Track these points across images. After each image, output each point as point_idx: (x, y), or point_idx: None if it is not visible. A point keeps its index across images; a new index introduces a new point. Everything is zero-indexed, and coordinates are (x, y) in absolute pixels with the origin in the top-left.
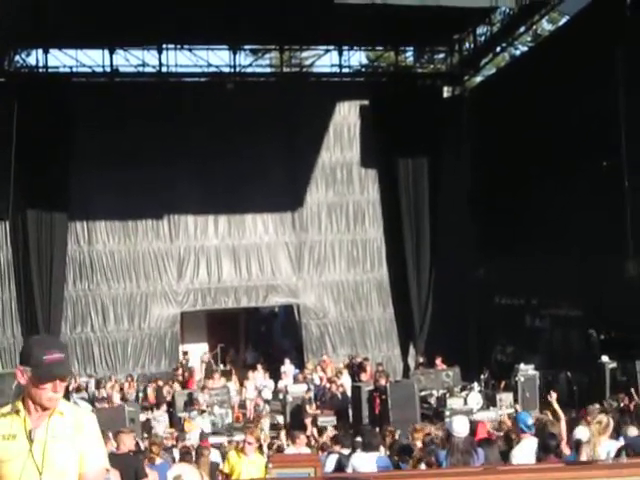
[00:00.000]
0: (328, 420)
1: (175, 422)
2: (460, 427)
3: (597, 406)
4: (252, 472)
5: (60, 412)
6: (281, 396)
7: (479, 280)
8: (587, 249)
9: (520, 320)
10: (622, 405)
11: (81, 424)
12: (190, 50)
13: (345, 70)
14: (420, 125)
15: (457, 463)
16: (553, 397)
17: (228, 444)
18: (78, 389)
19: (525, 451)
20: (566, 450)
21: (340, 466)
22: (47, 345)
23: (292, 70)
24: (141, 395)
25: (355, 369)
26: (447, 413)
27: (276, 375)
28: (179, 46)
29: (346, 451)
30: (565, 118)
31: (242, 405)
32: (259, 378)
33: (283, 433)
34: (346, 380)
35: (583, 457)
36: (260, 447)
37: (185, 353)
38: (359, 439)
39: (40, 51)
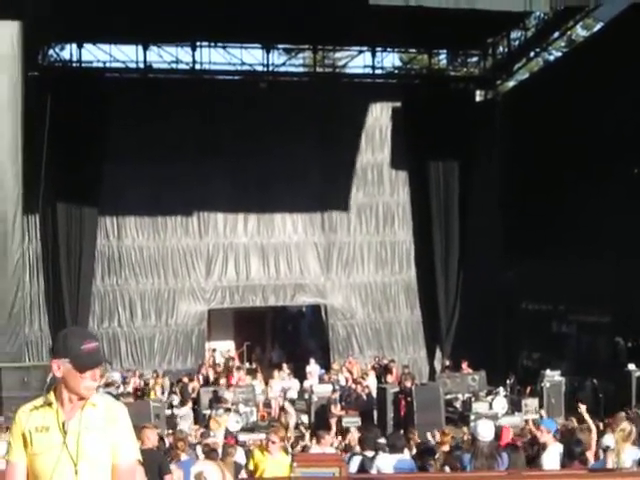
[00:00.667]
0: (353, 421)
1: (200, 419)
2: (485, 431)
3: (622, 414)
4: (276, 471)
5: (92, 404)
6: (306, 396)
7: (507, 284)
8: (620, 254)
9: (547, 326)
10: None
11: (114, 416)
12: (224, 48)
13: (378, 71)
14: (452, 128)
15: (481, 467)
16: (582, 409)
17: (252, 443)
18: (108, 384)
19: (553, 457)
20: (591, 459)
21: (363, 468)
22: (83, 335)
23: (325, 70)
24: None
25: (381, 371)
26: (472, 417)
27: (301, 375)
28: (213, 43)
29: (370, 453)
30: (599, 123)
31: (267, 404)
32: (285, 377)
33: (308, 433)
34: (372, 382)
35: (609, 464)
36: (285, 448)
37: (214, 350)
38: (383, 441)
39: (74, 45)
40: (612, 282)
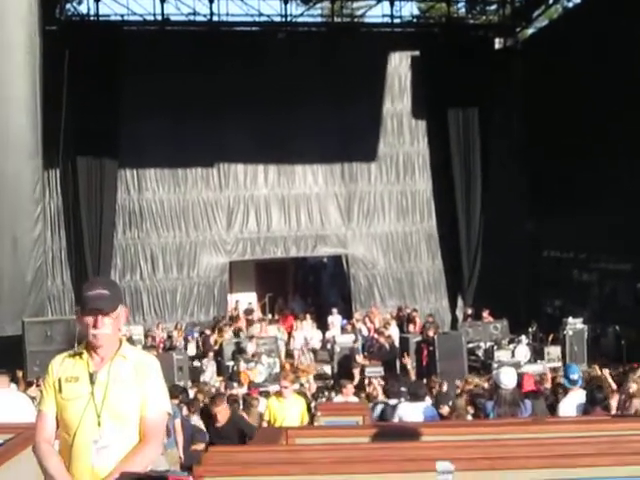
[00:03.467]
0: (376, 371)
1: (223, 371)
2: (508, 379)
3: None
4: (294, 414)
5: (123, 356)
6: (329, 346)
7: (528, 233)
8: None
9: (568, 274)
10: None
11: (144, 368)
12: None
13: (396, 21)
14: (471, 77)
15: (504, 415)
16: (606, 372)
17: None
18: (129, 339)
19: (572, 403)
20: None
21: (384, 415)
22: (92, 283)
23: (343, 20)
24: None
25: (403, 320)
26: (494, 365)
27: (324, 325)
28: None
29: (393, 401)
30: (621, 68)
31: (290, 354)
32: (307, 328)
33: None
34: (394, 331)
35: (631, 410)
36: (302, 393)
37: (237, 302)
38: (404, 389)
39: None
40: (633, 230)
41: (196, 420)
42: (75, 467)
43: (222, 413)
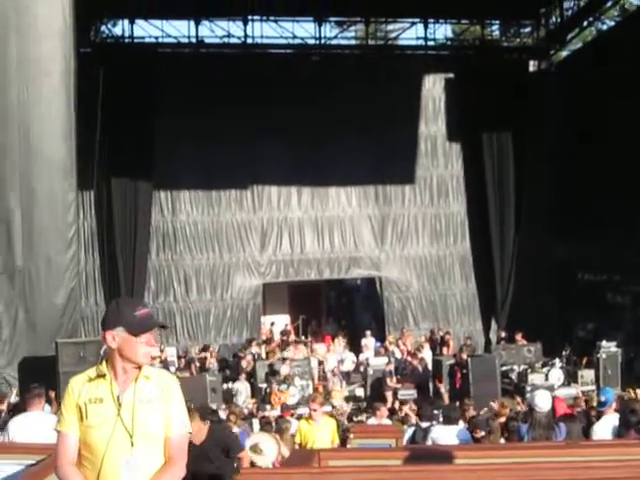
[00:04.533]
0: (409, 393)
1: (256, 393)
2: (543, 402)
3: None
4: (325, 436)
5: (146, 376)
6: (362, 369)
7: (562, 255)
8: None
9: (602, 296)
10: None
11: (167, 388)
12: (275, 21)
13: (430, 43)
14: (505, 99)
15: (539, 438)
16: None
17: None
18: (164, 362)
19: (607, 426)
20: None
21: (415, 438)
22: (134, 303)
23: (377, 43)
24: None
25: (436, 343)
26: (528, 389)
27: (357, 348)
28: (264, 17)
29: (424, 424)
30: None
31: (323, 377)
32: (339, 350)
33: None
34: (427, 354)
35: None
36: (332, 415)
37: (272, 324)
38: (436, 412)
39: (126, 21)
40: None
41: None
42: None
43: (194, 431)
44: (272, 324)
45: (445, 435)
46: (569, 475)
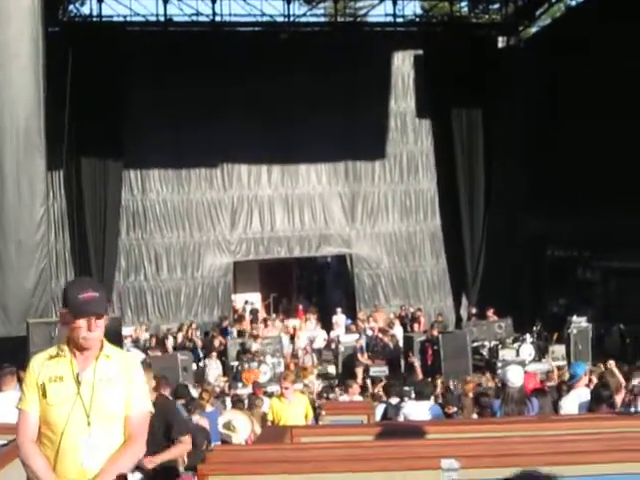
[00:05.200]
0: (380, 370)
1: (228, 371)
2: (515, 377)
3: None
4: (297, 414)
5: (107, 355)
6: (333, 346)
7: (532, 232)
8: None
9: (573, 272)
10: None
11: (128, 368)
12: None
13: (399, 20)
14: (474, 76)
15: (511, 413)
16: (612, 364)
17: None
18: (136, 340)
19: (574, 400)
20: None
21: (386, 415)
22: (81, 285)
23: (346, 20)
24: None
25: (408, 320)
26: (499, 364)
27: (328, 325)
28: None
29: (394, 400)
30: (622, 66)
31: (294, 355)
32: (311, 327)
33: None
34: (398, 331)
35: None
36: (303, 392)
37: (245, 302)
38: (408, 388)
39: (94, 0)
40: (635, 228)
41: (197, 420)
42: (62, 467)
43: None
44: (245, 302)
45: (417, 411)
46: (540, 449)
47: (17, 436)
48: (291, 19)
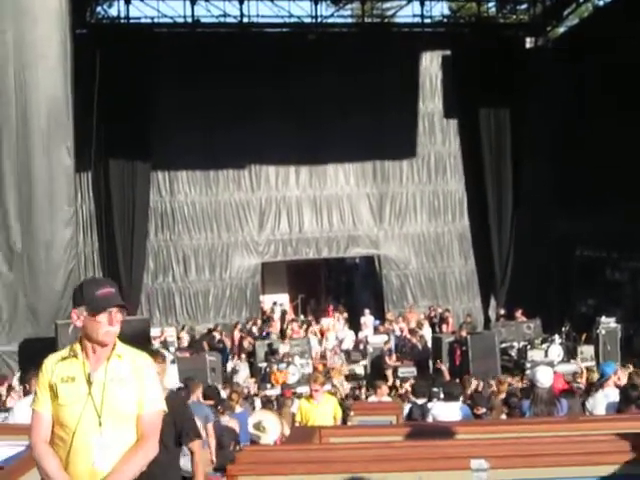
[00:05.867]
0: (408, 371)
1: (256, 372)
2: (544, 378)
3: None
4: (325, 414)
5: (118, 355)
6: (361, 347)
7: (561, 232)
8: None
9: (601, 273)
10: None
11: (139, 367)
12: (271, 0)
13: (427, 21)
14: (502, 76)
15: (541, 414)
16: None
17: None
18: (164, 342)
19: (601, 400)
20: None
21: (411, 415)
22: (97, 282)
23: (374, 21)
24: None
25: (436, 320)
26: (528, 365)
27: (356, 326)
28: None
29: (420, 401)
30: None
31: (322, 356)
32: (339, 328)
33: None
34: (426, 331)
35: None
36: (332, 393)
37: (274, 303)
38: (436, 389)
39: (122, 2)
40: None
41: (226, 421)
42: (74, 467)
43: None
44: (274, 303)
45: (446, 412)
46: (569, 449)
47: (30, 437)
48: (318, 20)
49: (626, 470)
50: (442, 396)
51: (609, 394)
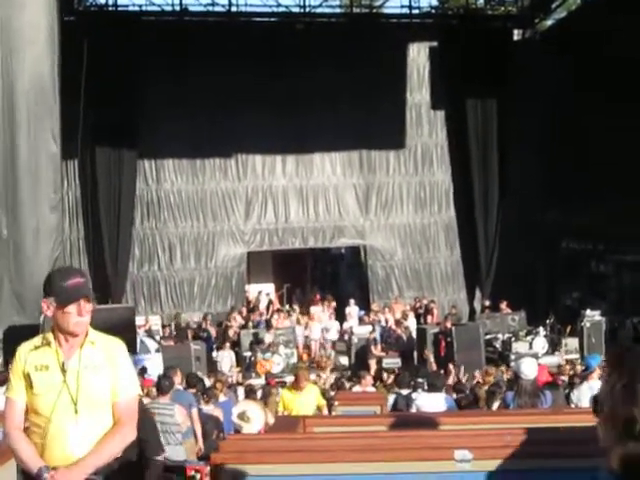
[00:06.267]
0: (393, 362)
1: (241, 361)
2: (528, 369)
3: None
4: (308, 404)
5: (91, 342)
6: (346, 337)
7: (546, 224)
8: None
9: (586, 265)
10: None
11: (113, 353)
12: None
13: (415, 12)
14: (490, 68)
15: (524, 405)
16: None
17: None
18: (148, 331)
19: (586, 392)
20: None
21: (396, 405)
22: (66, 272)
23: (362, 11)
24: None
25: (422, 311)
26: (512, 357)
27: (341, 316)
28: None
29: (404, 391)
30: (635, 58)
31: (307, 345)
32: (324, 319)
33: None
34: (411, 322)
35: None
36: (315, 382)
37: (259, 292)
38: (420, 380)
39: None
40: None
41: (211, 410)
42: (50, 453)
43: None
44: (259, 292)
45: (430, 402)
46: (554, 440)
47: (4, 424)
48: (307, 10)
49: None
50: (426, 387)
51: (593, 386)
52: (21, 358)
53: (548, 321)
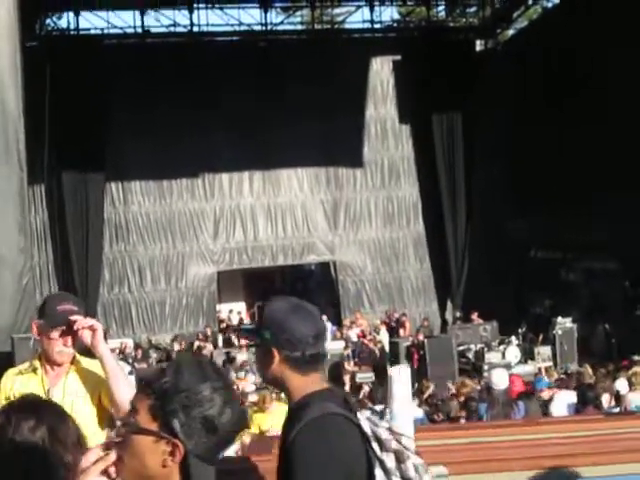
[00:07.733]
0: (366, 376)
1: None
2: (499, 380)
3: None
4: (278, 422)
5: (77, 370)
6: None
7: (515, 234)
8: (626, 202)
9: (556, 274)
10: None
11: (97, 378)
12: (221, 9)
13: (377, 26)
14: (453, 80)
15: (497, 416)
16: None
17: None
18: (123, 352)
19: (563, 403)
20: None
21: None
22: (61, 298)
23: (324, 27)
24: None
25: (394, 325)
26: (485, 367)
27: None
28: (210, 5)
29: (379, 407)
30: (602, 67)
31: None
32: None
33: None
34: (384, 336)
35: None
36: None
37: (230, 311)
38: None
39: (71, 14)
40: (618, 229)
41: None
42: None
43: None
44: (230, 312)
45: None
46: (528, 453)
47: None
48: (268, 27)
49: (587, 472)
50: None
51: (568, 396)
52: (6, 385)
53: (520, 330)
